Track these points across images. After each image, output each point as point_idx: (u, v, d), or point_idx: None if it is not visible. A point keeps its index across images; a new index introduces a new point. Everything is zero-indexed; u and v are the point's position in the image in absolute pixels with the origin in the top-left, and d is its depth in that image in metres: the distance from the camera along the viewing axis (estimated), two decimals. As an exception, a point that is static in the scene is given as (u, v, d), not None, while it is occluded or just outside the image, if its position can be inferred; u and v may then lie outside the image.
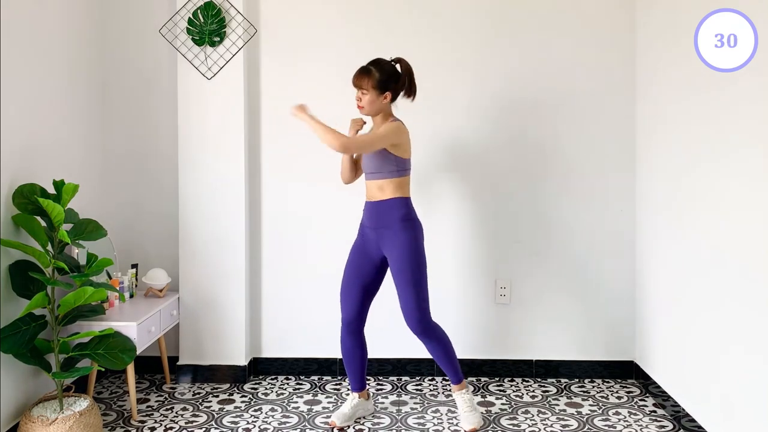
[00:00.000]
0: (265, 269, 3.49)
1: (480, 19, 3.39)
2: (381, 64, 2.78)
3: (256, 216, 3.47)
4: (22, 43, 2.73)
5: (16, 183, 2.64)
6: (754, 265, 2.26)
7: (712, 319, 2.56)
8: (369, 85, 2.75)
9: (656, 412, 3.02)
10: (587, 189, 3.41)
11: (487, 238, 3.45)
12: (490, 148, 3.41)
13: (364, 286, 2.87)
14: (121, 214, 3.48)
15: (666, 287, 3.03)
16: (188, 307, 3.39)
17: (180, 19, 3.30)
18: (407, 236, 2.74)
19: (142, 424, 2.91)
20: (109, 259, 2.70)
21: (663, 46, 3.03)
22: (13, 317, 2.60)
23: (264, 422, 2.93)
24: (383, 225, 2.78)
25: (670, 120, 2.95)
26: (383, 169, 2.77)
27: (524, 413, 3.03)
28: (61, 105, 3.05)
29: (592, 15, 3.38)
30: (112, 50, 3.44)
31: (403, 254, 2.72)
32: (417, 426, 2.90)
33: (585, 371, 3.45)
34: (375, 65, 2.77)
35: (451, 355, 2.84)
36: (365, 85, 2.76)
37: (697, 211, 2.70)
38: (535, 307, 3.45)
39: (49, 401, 2.67)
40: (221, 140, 3.34)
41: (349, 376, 2.96)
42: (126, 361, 2.68)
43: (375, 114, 2.81)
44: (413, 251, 2.73)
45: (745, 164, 2.31)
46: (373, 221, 2.81)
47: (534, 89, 3.39)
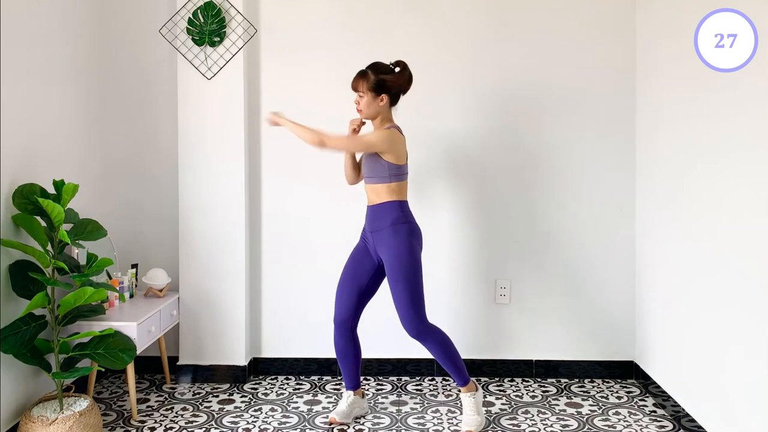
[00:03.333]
0: (265, 269, 3.49)
1: (479, 20, 3.39)
2: (378, 66, 2.78)
3: (256, 216, 3.47)
4: (22, 43, 2.73)
5: (16, 183, 2.64)
6: (755, 265, 2.26)
7: (712, 319, 2.56)
8: (365, 87, 2.76)
9: (656, 412, 3.02)
10: (587, 189, 3.41)
11: (487, 238, 3.45)
12: (490, 148, 3.41)
13: (360, 287, 2.87)
14: (121, 214, 3.48)
15: (666, 287, 3.03)
16: (188, 307, 3.39)
17: (180, 19, 3.30)
18: (400, 239, 2.74)
19: (142, 424, 2.91)
20: (109, 259, 2.69)
21: (663, 46, 3.03)
22: (13, 317, 2.60)
23: (264, 422, 2.93)
24: (378, 228, 2.78)
25: (670, 120, 2.95)
26: (376, 173, 2.77)
27: (524, 413, 3.03)
28: (61, 105, 3.05)
29: (592, 15, 3.38)
30: (112, 50, 3.44)
31: (396, 257, 2.72)
32: (417, 426, 2.90)
33: (585, 371, 3.45)
34: (372, 68, 2.78)
35: (453, 356, 2.82)
36: (361, 87, 2.77)
37: (697, 211, 2.70)
38: (535, 307, 3.45)
39: (49, 401, 2.67)
40: (221, 140, 3.34)
41: (343, 374, 2.97)
42: (126, 361, 2.68)
43: (373, 117, 2.81)
44: (406, 254, 2.72)
45: (746, 164, 2.31)
46: (370, 224, 2.83)
47: (534, 89, 3.39)
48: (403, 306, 2.73)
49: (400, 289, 2.72)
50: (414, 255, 2.74)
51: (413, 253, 2.74)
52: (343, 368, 2.95)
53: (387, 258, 2.75)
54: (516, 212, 3.43)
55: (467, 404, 2.86)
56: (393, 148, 2.73)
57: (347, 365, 2.94)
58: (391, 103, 2.81)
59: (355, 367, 2.95)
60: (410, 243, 2.75)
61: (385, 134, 2.74)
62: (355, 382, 2.97)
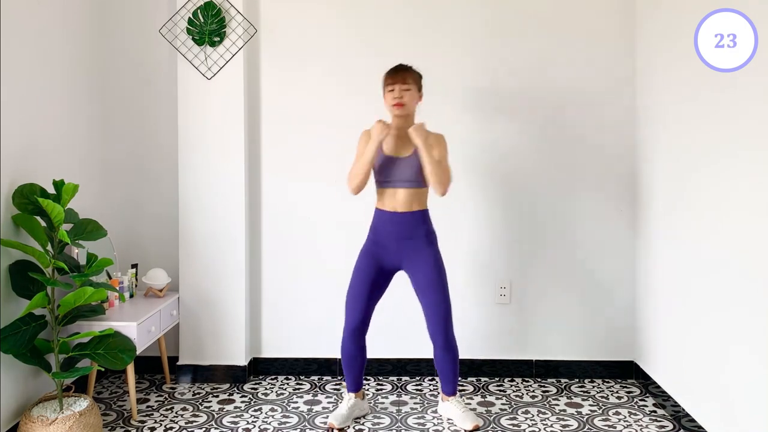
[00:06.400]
0: (265, 269, 3.49)
1: (479, 21, 3.39)
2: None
3: (256, 216, 3.47)
4: (22, 43, 2.73)
5: (16, 183, 2.64)
6: (755, 265, 2.26)
7: (713, 319, 2.56)
8: (412, 80, 2.75)
9: (656, 412, 3.02)
10: (587, 189, 3.41)
11: (487, 238, 3.45)
12: (488, 148, 3.41)
13: (373, 294, 2.85)
14: (121, 214, 3.48)
15: (666, 287, 3.03)
16: (188, 307, 3.39)
17: (180, 19, 3.30)
18: (434, 250, 2.78)
19: (142, 424, 2.91)
20: (109, 259, 2.70)
21: (663, 46, 3.03)
22: (13, 317, 2.60)
23: (264, 422, 2.93)
24: (411, 236, 2.76)
25: (670, 120, 2.95)
26: (415, 178, 2.74)
27: (524, 413, 3.03)
28: (61, 105, 3.05)
29: (592, 15, 3.38)
30: (112, 50, 3.44)
31: (433, 269, 2.75)
32: (417, 426, 2.90)
33: (585, 371, 3.45)
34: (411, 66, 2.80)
35: (458, 366, 2.88)
36: (410, 80, 2.74)
37: (697, 210, 2.70)
38: (535, 307, 3.45)
39: (49, 401, 2.67)
40: (221, 140, 3.34)
41: (347, 377, 2.96)
42: (126, 361, 2.68)
43: (412, 112, 2.79)
44: (441, 265, 2.78)
45: (746, 164, 2.31)
46: (399, 232, 2.77)
47: (533, 90, 3.39)
48: (441, 316, 2.76)
49: (439, 300, 2.75)
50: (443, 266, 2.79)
51: (443, 265, 2.79)
52: (349, 372, 2.94)
53: (424, 269, 2.75)
54: (516, 212, 3.43)
55: (456, 405, 2.89)
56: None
57: (353, 370, 2.93)
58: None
59: (359, 372, 2.95)
60: (440, 254, 2.80)
61: (442, 139, 2.78)
62: (358, 384, 2.97)
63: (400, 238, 2.77)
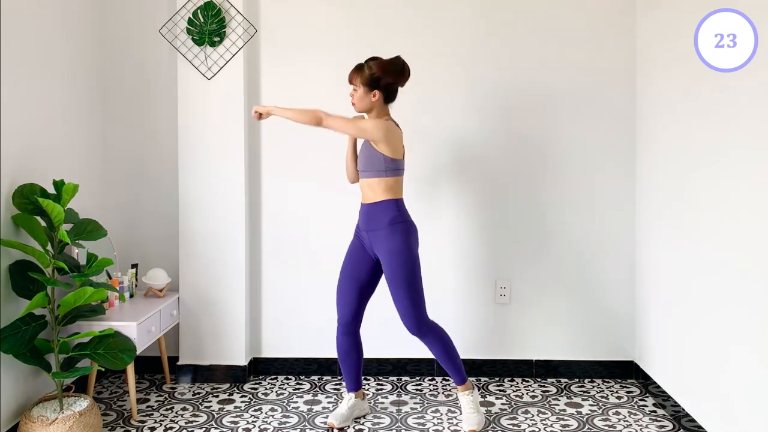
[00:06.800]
0: (265, 269, 3.49)
1: (479, 20, 3.39)
2: (377, 61, 2.77)
3: (256, 216, 3.47)
4: (22, 43, 2.73)
5: (16, 183, 2.64)
6: (755, 265, 2.26)
7: (713, 320, 2.56)
8: (358, 81, 2.76)
9: (656, 412, 3.02)
10: (587, 189, 3.41)
11: (487, 238, 3.45)
12: (490, 148, 3.41)
13: (360, 287, 2.86)
14: (121, 214, 3.48)
15: (666, 287, 3.03)
16: (188, 307, 3.39)
17: (180, 19, 3.30)
18: (398, 239, 2.73)
19: (142, 424, 2.91)
20: (109, 259, 2.70)
21: (663, 46, 3.03)
22: (13, 317, 2.60)
23: (264, 422, 2.93)
24: (374, 227, 2.77)
25: (670, 120, 2.95)
26: (372, 167, 2.75)
27: (524, 413, 3.03)
28: (61, 105, 3.05)
29: (592, 15, 3.38)
30: (112, 50, 3.44)
31: (394, 257, 2.71)
32: (417, 426, 2.90)
33: (585, 371, 3.45)
34: (369, 63, 2.78)
35: (452, 354, 2.83)
36: (355, 81, 2.77)
37: (697, 210, 2.70)
38: (535, 307, 3.45)
39: (49, 401, 2.67)
40: (221, 140, 3.34)
41: (345, 376, 2.96)
42: (126, 361, 2.68)
43: (366, 111, 2.81)
44: (404, 253, 2.72)
45: (746, 164, 2.31)
46: (365, 224, 2.81)
47: (534, 90, 3.39)
48: (403, 305, 2.73)
49: (401, 289, 2.72)
50: (412, 254, 2.74)
51: (411, 252, 2.74)
52: (345, 370, 2.95)
53: (385, 258, 2.74)
54: (516, 212, 3.43)
55: (466, 403, 2.86)
56: (387, 138, 2.71)
57: (349, 367, 2.93)
58: (385, 99, 2.79)
59: (357, 369, 2.95)
60: (408, 242, 2.74)
61: (380, 123, 2.71)
62: (357, 383, 2.97)
63: (368, 230, 2.80)
